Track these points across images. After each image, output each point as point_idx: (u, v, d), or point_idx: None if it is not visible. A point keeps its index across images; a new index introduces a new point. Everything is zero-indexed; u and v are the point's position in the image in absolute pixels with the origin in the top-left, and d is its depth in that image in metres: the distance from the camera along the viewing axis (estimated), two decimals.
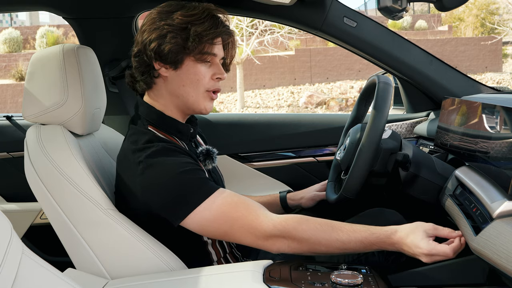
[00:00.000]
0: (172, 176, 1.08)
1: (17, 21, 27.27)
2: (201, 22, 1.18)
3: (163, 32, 1.17)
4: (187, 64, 1.20)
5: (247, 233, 1.08)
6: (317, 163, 1.96)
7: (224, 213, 1.07)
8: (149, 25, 1.19)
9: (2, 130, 1.99)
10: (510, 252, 0.87)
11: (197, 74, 1.20)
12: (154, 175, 1.09)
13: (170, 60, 1.18)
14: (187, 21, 1.17)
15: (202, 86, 1.22)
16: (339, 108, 11.60)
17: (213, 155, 1.27)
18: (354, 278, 0.98)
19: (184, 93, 1.22)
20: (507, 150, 1.04)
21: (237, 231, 1.08)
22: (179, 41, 1.17)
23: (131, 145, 1.16)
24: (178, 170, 1.09)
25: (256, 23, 12.26)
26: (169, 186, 1.08)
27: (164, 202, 1.09)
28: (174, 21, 1.17)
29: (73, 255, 1.17)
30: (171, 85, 1.21)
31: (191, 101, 1.22)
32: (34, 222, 1.92)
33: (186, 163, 1.11)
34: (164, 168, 1.09)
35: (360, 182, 1.32)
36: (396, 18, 1.33)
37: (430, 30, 16.19)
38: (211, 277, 1.01)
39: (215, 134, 1.96)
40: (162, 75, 1.21)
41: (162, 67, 1.20)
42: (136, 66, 1.22)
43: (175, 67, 1.19)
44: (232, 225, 1.08)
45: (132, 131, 1.22)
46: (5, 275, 0.61)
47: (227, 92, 13.37)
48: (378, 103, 1.32)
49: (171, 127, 1.23)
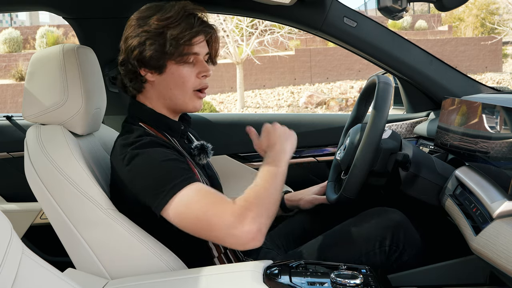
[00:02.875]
0: (155, 164, 1.10)
1: (17, 21, 27.27)
2: (177, 25, 1.18)
3: (142, 39, 1.19)
4: (170, 68, 1.21)
5: (219, 219, 1.04)
6: (317, 163, 1.96)
7: (198, 202, 1.06)
8: (130, 32, 1.21)
9: (2, 130, 1.99)
10: (510, 252, 0.87)
11: (182, 76, 1.22)
12: (138, 163, 1.11)
13: (153, 65, 1.20)
14: (163, 25, 1.18)
15: (189, 87, 1.23)
16: (339, 108, 11.60)
17: (207, 149, 1.29)
18: (354, 278, 0.98)
19: (172, 96, 1.24)
20: (507, 150, 1.04)
21: (210, 218, 1.05)
22: (157, 47, 1.18)
23: (121, 141, 1.18)
24: (161, 159, 1.10)
25: (256, 23, 12.25)
26: (151, 173, 1.09)
27: (147, 190, 1.09)
28: (150, 26, 1.18)
29: (73, 255, 1.17)
30: (159, 89, 1.24)
31: (179, 102, 1.25)
32: (34, 222, 1.92)
33: (170, 154, 1.13)
34: (148, 156, 1.11)
35: (360, 182, 1.32)
36: (396, 18, 1.33)
37: (430, 30, 16.19)
38: (211, 277, 1.01)
39: (215, 134, 1.96)
40: (149, 80, 1.23)
41: (148, 72, 1.22)
42: (124, 74, 1.25)
43: (159, 71, 1.21)
44: (206, 212, 1.05)
45: (124, 129, 1.25)
46: (5, 275, 0.61)
47: (227, 92, 13.37)
48: (378, 103, 1.32)
49: (162, 124, 1.25)
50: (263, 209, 1.06)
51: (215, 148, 1.34)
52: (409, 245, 1.31)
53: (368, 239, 1.31)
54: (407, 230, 1.32)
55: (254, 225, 1.02)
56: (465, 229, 1.10)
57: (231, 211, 1.04)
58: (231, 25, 11.92)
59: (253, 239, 1.03)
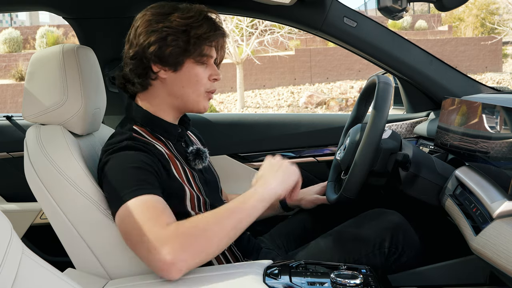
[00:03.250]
0: (117, 171, 1.10)
1: (17, 21, 27.27)
2: (200, 25, 1.19)
3: (162, 34, 1.18)
4: (187, 66, 1.21)
5: (142, 238, 0.99)
6: (317, 163, 1.96)
7: (135, 215, 1.02)
8: (145, 27, 1.20)
9: (2, 130, 1.99)
10: (510, 252, 0.87)
11: (197, 75, 1.23)
12: (107, 168, 1.11)
13: (170, 62, 1.20)
14: (186, 23, 1.19)
15: (202, 87, 1.24)
16: (339, 108, 11.60)
17: (203, 155, 1.29)
18: (354, 278, 0.98)
19: (184, 94, 1.23)
20: (507, 150, 1.04)
21: (136, 236, 1.00)
22: (180, 44, 1.18)
23: (104, 147, 1.19)
24: (128, 164, 1.09)
25: (256, 23, 12.26)
26: (112, 179, 1.09)
27: (107, 195, 1.11)
28: (172, 23, 1.18)
29: (73, 255, 1.17)
30: (170, 87, 1.23)
31: (190, 101, 1.25)
32: (34, 222, 1.92)
33: (140, 161, 1.10)
34: (116, 162, 1.11)
35: (360, 182, 1.32)
36: (396, 18, 1.33)
37: (430, 30, 16.19)
38: (211, 277, 1.01)
39: (215, 134, 1.96)
40: (160, 77, 1.22)
41: (161, 69, 1.21)
42: (132, 69, 1.22)
43: (174, 69, 1.21)
44: (135, 228, 1.01)
45: (113, 133, 1.24)
46: (5, 275, 0.61)
47: (227, 92, 13.37)
48: (378, 103, 1.32)
49: (158, 127, 1.25)
50: (194, 244, 0.97)
51: (215, 148, 1.33)
52: (408, 246, 1.31)
53: (367, 241, 1.31)
54: (406, 231, 1.32)
55: (169, 256, 0.95)
56: (465, 229, 1.10)
57: (157, 233, 0.98)
58: (231, 25, 11.93)
59: (165, 270, 0.96)
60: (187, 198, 1.20)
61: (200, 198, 1.22)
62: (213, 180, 1.37)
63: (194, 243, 0.98)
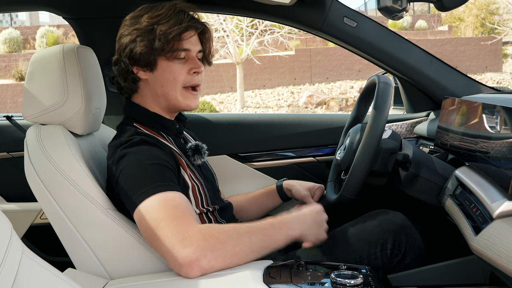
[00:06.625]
0: (137, 166, 1.10)
1: (17, 21, 27.26)
2: (166, 21, 1.19)
3: (133, 37, 1.20)
4: (161, 65, 1.22)
5: (167, 233, 1.00)
6: (317, 163, 1.96)
7: (159, 212, 1.03)
8: (122, 32, 1.24)
9: (2, 130, 1.99)
10: (510, 252, 0.87)
11: (172, 72, 1.22)
12: (124, 162, 1.11)
13: (144, 63, 1.21)
14: (153, 22, 1.20)
15: (179, 84, 1.24)
16: (339, 108, 11.60)
17: (202, 150, 1.29)
18: (354, 278, 0.98)
19: (164, 93, 1.24)
20: (507, 150, 1.04)
21: (160, 231, 1.01)
22: (147, 43, 1.19)
23: (113, 142, 1.20)
24: (144, 161, 1.10)
25: (256, 23, 12.25)
26: (131, 174, 1.09)
27: (125, 189, 1.10)
28: (141, 24, 1.20)
29: (73, 255, 1.17)
30: (152, 87, 1.25)
31: (172, 99, 1.25)
32: (34, 222, 1.92)
33: (157, 157, 1.12)
34: (133, 156, 1.11)
35: (360, 182, 1.32)
36: (396, 18, 1.34)
37: (430, 30, 16.18)
38: (211, 276, 1.01)
39: (215, 134, 1.96)
40: (142, 79, 1.24)
41: (140, 70, 1.23)
42: (117, 74, 1.26)
43: (151, 69, 1.22)
44: (159, 224, 1.02)
45: (118, 131, 1.26)
46: (5, 275, 0.61)
47: (227, 92, 13.37)
48: (378, 103, 1.32)
49: (156, 123, 1.26)
50: (222, 249, 0.99)
51: (215, 148, 1.34)
52: (411, 248, 1.29)
53: (369, 242, 1.30)
54: (409, 233, 1.30)
55: (195, 254, 0.96)
56: (465, 229, 1.10)
57: (186, 230, 0.99)
58: (231, 25, 11.92)
59: (186, 266, 0.97)
60: (190, 193, 1.21)
61: (202, 194, 1.23)
62: (211, 176, 1.38)
63: (223, 250, 1.00)
